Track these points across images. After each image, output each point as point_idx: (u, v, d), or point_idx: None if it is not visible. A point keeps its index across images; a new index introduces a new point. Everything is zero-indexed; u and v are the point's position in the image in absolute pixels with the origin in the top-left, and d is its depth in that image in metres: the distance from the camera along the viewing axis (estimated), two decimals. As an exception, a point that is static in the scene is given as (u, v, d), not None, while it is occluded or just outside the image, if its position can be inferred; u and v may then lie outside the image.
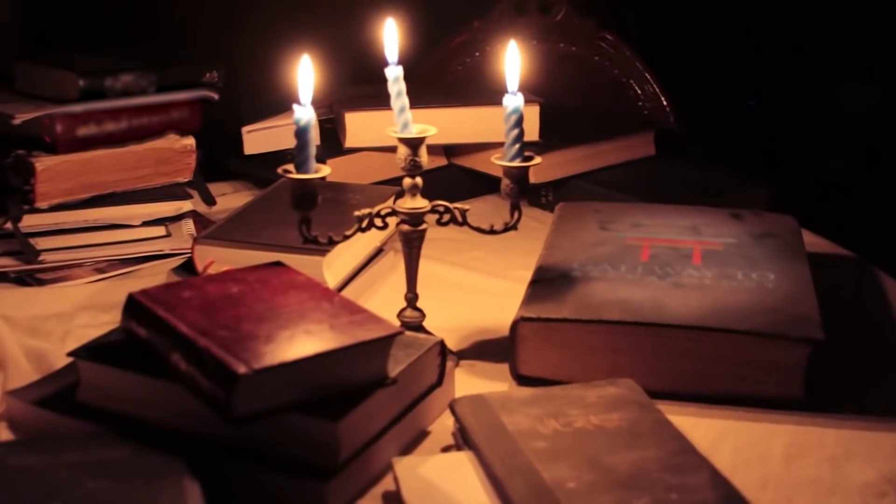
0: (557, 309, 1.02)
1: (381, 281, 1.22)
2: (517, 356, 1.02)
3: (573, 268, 1.10)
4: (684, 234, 1.18)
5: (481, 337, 1.12)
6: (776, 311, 1.01)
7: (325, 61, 1.64)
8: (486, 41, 1.71)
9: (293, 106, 0.97)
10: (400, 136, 1.00)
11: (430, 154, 1.48)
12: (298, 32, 1.60)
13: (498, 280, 1.24)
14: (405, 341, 0.95)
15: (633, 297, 1.03)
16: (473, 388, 1.02)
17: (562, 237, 1.19)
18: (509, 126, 1.02)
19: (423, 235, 1.03)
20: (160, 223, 1.28)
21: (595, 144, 1.45)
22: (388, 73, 1.00)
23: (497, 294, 1.19)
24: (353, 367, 0.85)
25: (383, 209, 1.02)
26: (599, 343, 1.00)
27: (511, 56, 1.03)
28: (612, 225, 1.21)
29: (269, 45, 1.50)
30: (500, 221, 1.44)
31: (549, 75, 1.71)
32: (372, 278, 1.21)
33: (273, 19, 1.62)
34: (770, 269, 1.10)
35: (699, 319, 0.99)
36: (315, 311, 0.89)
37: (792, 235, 1.19)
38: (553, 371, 1.01)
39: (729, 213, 1.24)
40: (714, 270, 1.09)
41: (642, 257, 1.13)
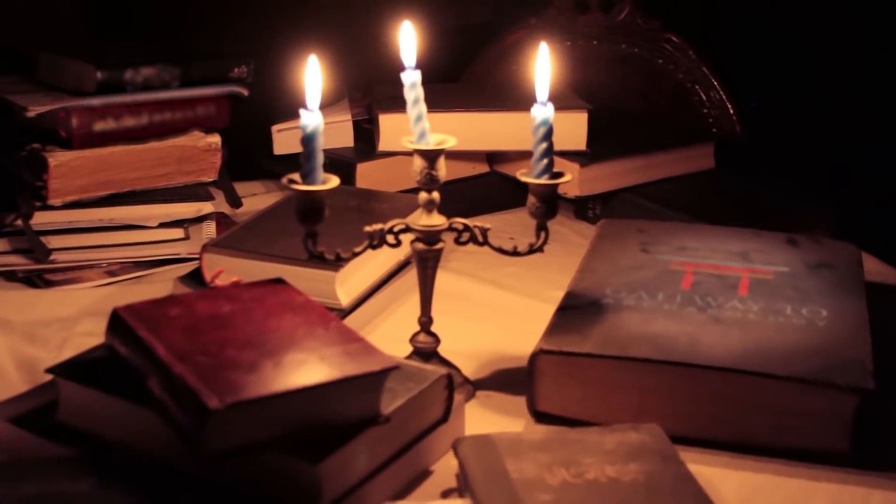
0: (581, 342, 0.93)
1: (403, 297, 1.14)
2: (535, 391, 0.93)
3: (605, 294, 1.01)
4: (733, 260, 1.09)
5: (504, 365, 1.03)
6: (824, 353, 0.91)
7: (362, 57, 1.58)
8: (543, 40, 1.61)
9: (300, 111, 0.90)
10: (415, 146, 0.92)
11: (472, 161, 1.42)
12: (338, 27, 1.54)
13: (531, 301, 1.15)
14: (409, 373, 0.87)
15: (667, 332, 0.94)
16: (486, 423, 0.94)
17: (598, 259, 1.10)
18: (537, 139, 0.93)
19: (438, 255, 0.95)
20: (179, 225, 1.22)
21: (648, 156, 1.35)
22: (404, 79, 0.92)
23: (528, 317, 1.10)
24: (342, 402, 0.78)
25: (396, 225, 0.94)
26: (626, 381, 0.91)
27: (541, 61, 0.95)
28: (655, 247, 1.11)
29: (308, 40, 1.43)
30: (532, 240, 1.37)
31: (609, 77, 1.62)
32: (394, 294, 1.13)
33: (311, 12, 1.55)
34: (823, 305, 1.00)
35: (736, 361, 0.90)
36: (307, 338, 0.82)
37: (851, 266, 1.08)
38: (574, 409, 0.93)
39: (785, 237, 1.14)
40: (761, 303, 1.00)
41: (683, 285, 1.03)
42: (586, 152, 1.31)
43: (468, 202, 1.36)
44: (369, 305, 1.08)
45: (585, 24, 1.63)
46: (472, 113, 1.31)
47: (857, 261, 1.10)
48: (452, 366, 0.98)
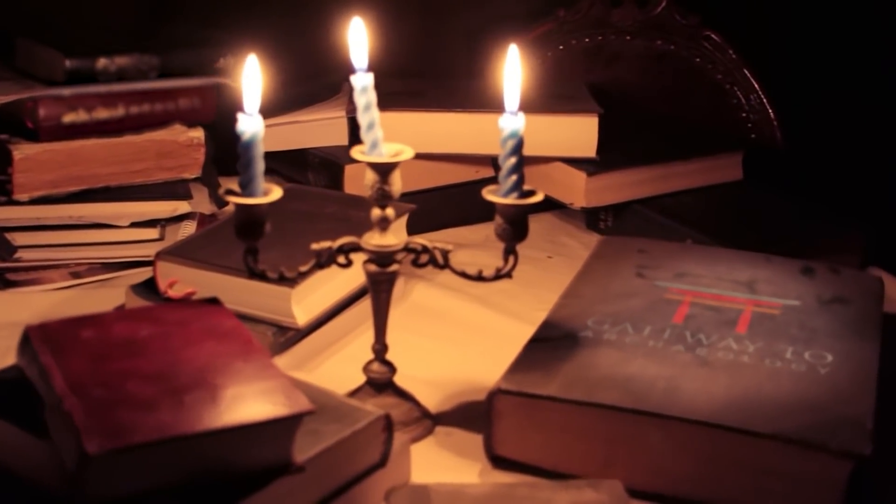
0: (545, 382, 0.83)
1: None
2: (493, 434, 0.84)
3: (586, 325, 0.91)
4: (738, 291, 0.98)
5: (472, 398, 0.94)
6: (820, 408, 0.80)
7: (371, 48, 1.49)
8: (572, 34, 1.51)
9: (238, 115, 0.81)
10: (367, 158, 0.83)
11: (476, 164, 1.33)
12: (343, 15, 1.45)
13: (519, 324, 1.04)
14: (341, 412, 0.78)
15: (644, 374, 0.84)
16: (437, 466, 0.85)
17: (587, 282, 0.99)
18: (505, 153, 0.83)
19: (393, 279, 0.86)
20: (153, 225, 1.14)
21: (667, 165, 1.24)
22: (354, 82, 0.83)
23: (512, 342, 0.99)
24: (247, 448, 0.69)
25: (347, 243, 0.85)
26: (592, 429, 0.81)
27: (511, 66, 0.85)
28: (654, 271, 1.01)
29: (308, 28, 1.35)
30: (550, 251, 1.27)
31: (641, 75, 1.51)
32: (365, 312, 1.04)
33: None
34: (829, 348, 0.88)
35: (716, 413, 0.79)
36: (221, 373, 0.73)
37: (869, 302, 0.97)
38: (534, 456, 0.83)
39: (801, 265, 1.02)
40: (759, 343, 0.89)
41: (676, 318, 0.93)
42: (595, 160, 1.21)
43: (469, 208, 1.27)
44: (335, 325, 0.99)
45: (619, 18, 1.52)
46: (470, 114, 1.21)
47: (878, 295, 0.98)
48: (410, 397, 0.89)
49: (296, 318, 0.95)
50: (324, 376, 0.96)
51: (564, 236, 1.27)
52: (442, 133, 1.21)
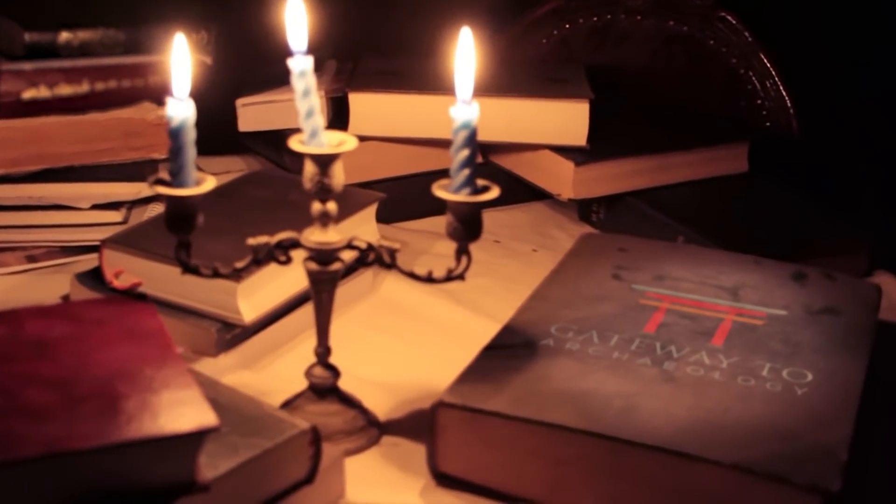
0: (492, 396, 0.77)
1: (343, 310, 1.00)
2: (437, 449, 0.77)
3: (549, 332, 0.84)
4: (720, 297, 0.90)
5: (426, 405, 0.87)
6: (790, 436, 0.73)
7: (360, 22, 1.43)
8: (579, 12, 1.43)
9: (167, 99, 0.76)
10: (305, 149, 0.77)
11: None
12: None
13: (490, 323, 0.97)
14: (267, 423, 0.72)
15: (602, 390, 0.77)
16: (378, 480, 0.79)
17: (557, 283, 0.93)
18: (457, 145, 0.77)
19: (335, 278, 0.80)
20: (116, 207, 1.09)
21: (664, 156, 1.16)
22: (291, 66, 0.76)
23: (479, 343, 0.93)
24: (144, 465, 0.64)
25: (286, 239, 0.79)
26: (540, 449, 0.75)
27: (463, 51, 0.78)
28: (631, 273, 0.94)
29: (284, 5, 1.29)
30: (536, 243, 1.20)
31: (652, 58, 1.43)
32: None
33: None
34: (811, 365, 0.81)
35: (674, 437, 0.72)
36: (129, 381, 0.68)
37: (862, 313, 0.89)
38: (480, 475, 0.77)
39: (792, 270, 0.95)
40: (734, 358, 0.82)
41: (648, 326, 0.86)
42: (585, 148, 1.14)
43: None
44: (288, 322, 0.94)
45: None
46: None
47: (873, 306, 0.91)
48: (355, 404, 0.83)
49: (242, 314, 0.89)
50: (273, 376, 0.91)
51: (554, 228, 1.20)
52: (423, 116, 1.14)
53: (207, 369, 0.89)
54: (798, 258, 1.03)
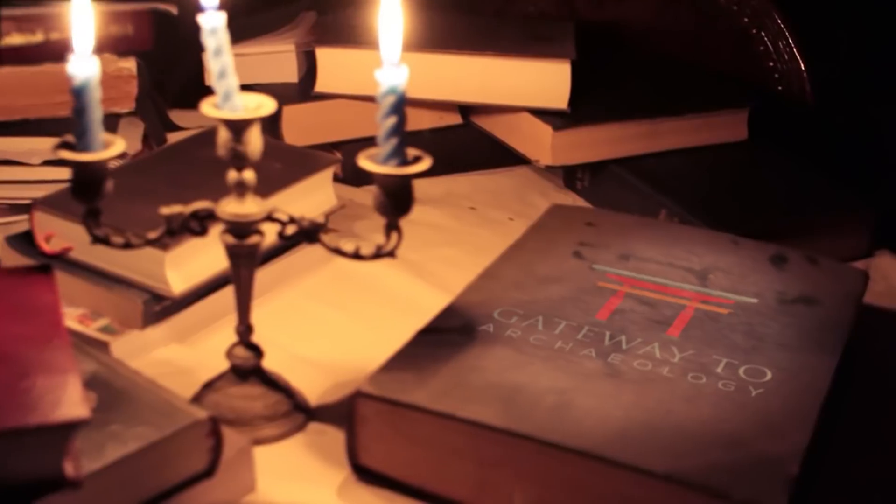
0: (414, 387, 0.70)
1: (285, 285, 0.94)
2: (356, 441, 0.72)
3: (490, 317, 0.78)
4: (687, 281, 0.83)
5: (362, 388, 0.82)
6: (736, 443, 0.66)
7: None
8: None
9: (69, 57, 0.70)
10: (216, 114, 0.70)
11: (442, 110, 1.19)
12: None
13: (448, 298, 0.92)
14: (161, 411, 0.67)
15: (535, 385, 0.71)
16: (296, 472, 0.73)
17: (512, 260, 0.86)
18: (383, 112, 0.70)
19: (254, 252, 0.74)
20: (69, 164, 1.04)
21: (653, 121, 1.08)
22: (202, 22, 0.70)
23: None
24: (4, 459, 0.59)
25: (201, 210, 0.73)
26: (463, 448, 0.68)
27: (388, 8, 0.70)
28: (595, 251, 0.87)
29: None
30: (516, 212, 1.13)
31: (657, 15, 1.34)
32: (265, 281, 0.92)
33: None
34: (773, 362, 0.74)
35: (605, 441, 0.66)
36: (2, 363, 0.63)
37: (843, 306, 0.81)
38: (402, 471, 0.71)
39: (772, 252, 0.87)
40: (689, 352, 0.75)
41: (601, 313, 0.79)
42: (566, 112, 1.06)
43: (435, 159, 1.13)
44: (226, 295, 0.87)
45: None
46: (436, 54, 1.07)
47: (856, 296, 0.83)
48: (281, 387, 0.77)
49: (171, 285, 0.83)
50: (206, 352, 0.85)
51: (536, 195, 1.12)
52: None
53: (136, 343, 0.84)
54: (791, 237, 0.95)
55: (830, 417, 0.73)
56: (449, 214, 1.07)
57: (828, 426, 0.73)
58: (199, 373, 0.80)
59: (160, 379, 0.81)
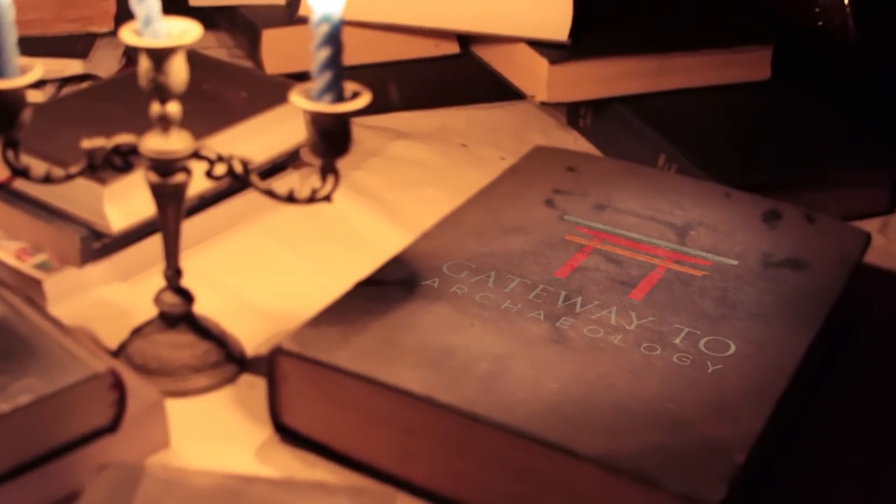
0: (338, 346, 0.65)
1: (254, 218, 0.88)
2: (277, 400, 0.66)
3: (438, 270, 0.72)
4: (663, 238, 0.76)
5: (307, 338, 0.77)
6: (679, 426, 0.60)
7: None
8: None
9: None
10: (136, 41, 0.64)
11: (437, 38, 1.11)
12: None
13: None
14: (60, 362, 0.62)
15: (471, 349, 0.65)
16: (215, 429, 0.68)
17: (476, 208, 0.79)
18: (317, 42, 0.64)
19: (181, 192, 0.68)
20: (41, 85, 0.99)
21: (661, 57, 1.00)
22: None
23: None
24: None
25: (123, 144, 0.68)
26: (387, 414, 0.63)
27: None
28: (569, 200, 0.80)
29: None
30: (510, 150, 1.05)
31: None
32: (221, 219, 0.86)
33: None
34: (739, 335, 0.67)
35: (532, 416, 0.59)
36: None
37: (833, 271, 0.73)
38: (325, 434, 0.65)
39: (765, 209, 0.79)
40: (648, 318, 0.68)
41: (562, 270, 0.72)
42: (566, 44, 0.98)
43: (430, 90, 1.07)
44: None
45: None
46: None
47: (850, 261, 0.74)
48: (213, 336, 0.72)
49: (109, 220, 0.78)
50: (152, 293, 0.80)
51: (536, 133, 1.05)
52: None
53: (73, 281, 0.79)
54: (797, 191, 0.88)
55: (802, 399, 0.66)
56: (437, 151, 1.01)
57: (797, 409, 0.66)
58: (139, 315, 0.75)
59: (96, 321, 0.78)
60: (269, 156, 0.88)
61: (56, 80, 1.00)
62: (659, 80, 1.00)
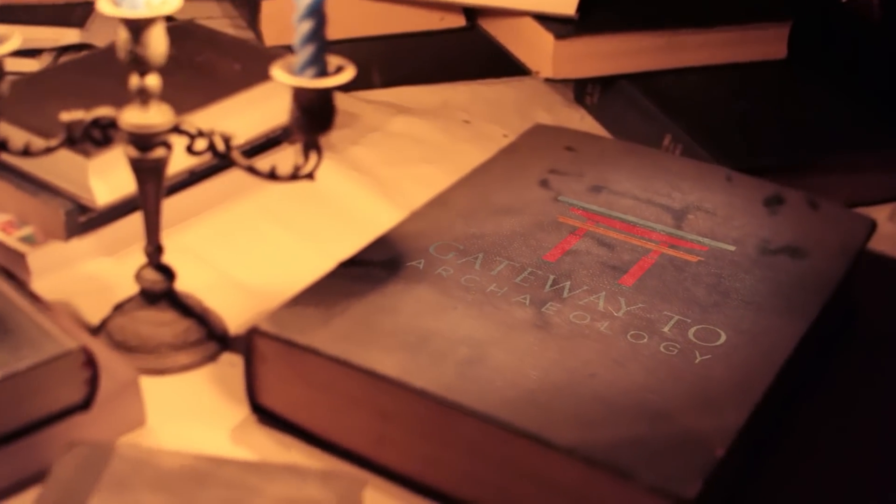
0: (315, 327, 0.63)
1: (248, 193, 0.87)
2: (255, 380, 0.65)
3: (425, 251, 0.70)
4: (660, 222, 0.74)
5: (293, 318, 0.75)
6: (660, 418, 0.58)
7: None
8: None
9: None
10: (113, 12, 0.63)
11: (441, 10, 1.09)
12: None
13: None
14: (31, 339, 0.61)
15: (452, 333, 0.63)
16: (192, 408, 0.67)
17: (468, 187, 0.77)
18: (300, 13, 0.62)
19: (160, 167, 0.67)
20: (34, 54, 0.98)
21: (672, 33, 0.97)
22: None
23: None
24: None
25: (103, 117, 0.66)
26: (363, 398, 0.62)
27: None
28: (565, 180, 0.77)
29: None
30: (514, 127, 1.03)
31: None
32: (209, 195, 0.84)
33: None
34: (731, 324, 0.64)
35: (509, 404, 0.58)
36: None
37: (833, 260, 0.71)
38: (301, 416, 0.64)
39: (768, 194, 0.76)
40: (638, 305, 0.66)
41: (550, 254, 0.70)
42: (573, 19, 0.96)
43: (429, 64, 1.05)
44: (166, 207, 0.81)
45: None
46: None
47: (851, 250, 0.72)
48: (195, 313, 0.71)
49: (94, 194, 0.77)
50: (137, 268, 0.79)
51: (541, 110, 1.03)
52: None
53: (58, 255, 0.78)
54: (810, 174, 0.85)
55: (794, 392, 0.64)
56: (438, 127, 0.99)
57: (788, 403, 0.64)
58: (123, 291, 0.74)
59: (80, 296, 0.77)
60: (262, 130, 0.87)
61: (53, 49, 0.99)
62: (669, 57, 0.98)
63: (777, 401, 0.62)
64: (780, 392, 0.62)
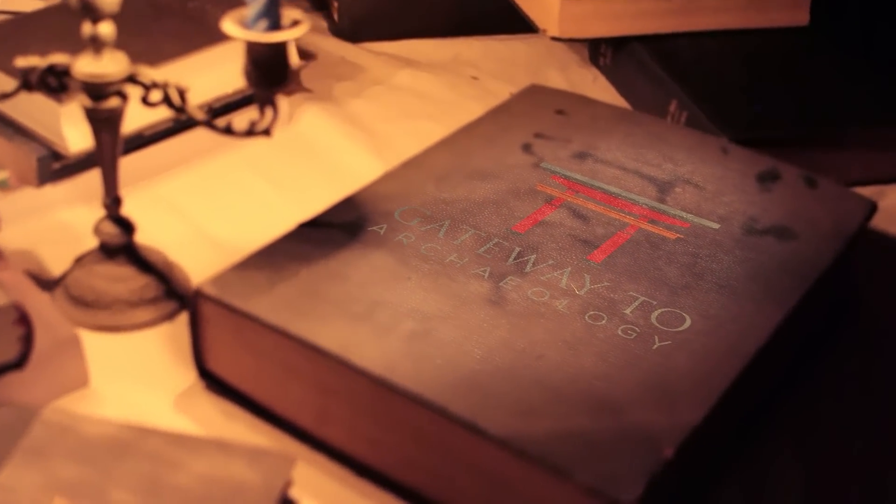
0: (260, 292, 0.60)
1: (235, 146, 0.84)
2: (201, 343, 0.63)
3: (389, 216, 0.67)
4: (643, 194, 0.70)
5: (258, 278, 0.73)
6: (607, 409, 0.54)
7: None
8: None
9: None
10: (58, -48, 0.60)
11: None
12: None
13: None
14: (-39, 293, 0.60)
15: (399, 305, 0.60)
16: (139, 369, 0.65)
17: (447, 149, 0.73)
18: (251, -33, 0.59)
19: (116, 118, 0.64)
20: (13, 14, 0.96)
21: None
22: None
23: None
24: None
25: (58, 65, 0.64)
26: (305, 371, 0.59)
27: None
28: (550, 146, 0.74)
29: None
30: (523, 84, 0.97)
31: None
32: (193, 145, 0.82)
33: None
34: (699, 309, 0.60)
35: (445, 386, 0.54)
36: None
37: (823, 243, 0.66)
38: (246, 383, 0.62)
39: (762, 168, 0.72)
40: (602, 284, 0.62)
41: (520, 224, 0.66)
42: (581, -24, 0.91)
43: (437, 17, 1.01)
44: (144, 157, 0.79)
45: None
46: None
47: (847, 232, 0.67)
48: (155, 270, 0.69)
49: (67, 141, 0.75)
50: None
51: (553, 69, 0.99)
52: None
53: (29, 201, 0.76)
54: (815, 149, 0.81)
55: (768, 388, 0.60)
56: (445, 83, 0.95)
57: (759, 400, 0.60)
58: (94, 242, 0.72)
59: (50, 245, 0.75)
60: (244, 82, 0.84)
61: None
62: (682, 20, 0.93)
63: (747, 396, 0.58)
64: (752, 387, 0.58)
